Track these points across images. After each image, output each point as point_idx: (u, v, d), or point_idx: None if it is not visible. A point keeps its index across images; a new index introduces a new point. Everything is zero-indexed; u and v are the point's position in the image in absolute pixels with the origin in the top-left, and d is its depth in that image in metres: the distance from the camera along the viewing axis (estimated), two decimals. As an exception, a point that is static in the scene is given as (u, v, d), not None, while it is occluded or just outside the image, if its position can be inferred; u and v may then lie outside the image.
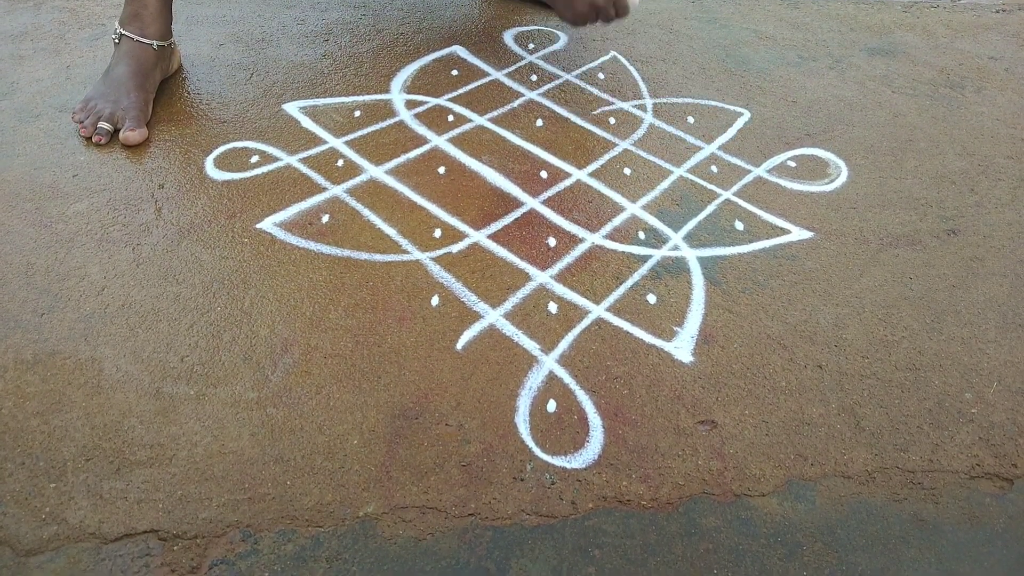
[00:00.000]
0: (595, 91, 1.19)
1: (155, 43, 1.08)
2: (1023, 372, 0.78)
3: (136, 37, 1.07)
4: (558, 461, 0.69)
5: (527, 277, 0.86)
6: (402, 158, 1.03)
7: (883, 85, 1.23)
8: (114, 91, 1.06)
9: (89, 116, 1.04)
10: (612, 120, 1.13)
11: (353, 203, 0.95)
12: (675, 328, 0.81)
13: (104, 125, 1.03)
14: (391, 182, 0.99)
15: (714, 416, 0.73)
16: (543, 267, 0.88)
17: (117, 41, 1.09)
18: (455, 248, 0.90)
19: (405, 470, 0.68)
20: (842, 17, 1.44)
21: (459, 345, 0.78)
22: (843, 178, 1.03)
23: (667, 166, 1.04)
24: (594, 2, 1.06)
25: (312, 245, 0.89)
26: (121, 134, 1.02)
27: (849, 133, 1.11)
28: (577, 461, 0.69)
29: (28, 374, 0.75)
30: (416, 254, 0.89)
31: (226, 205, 0.95)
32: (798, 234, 0.93)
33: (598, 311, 0.83)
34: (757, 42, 1.34)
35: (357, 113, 1.11)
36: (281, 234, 0.91)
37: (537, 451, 0.69)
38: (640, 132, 1.10)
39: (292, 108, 1.12)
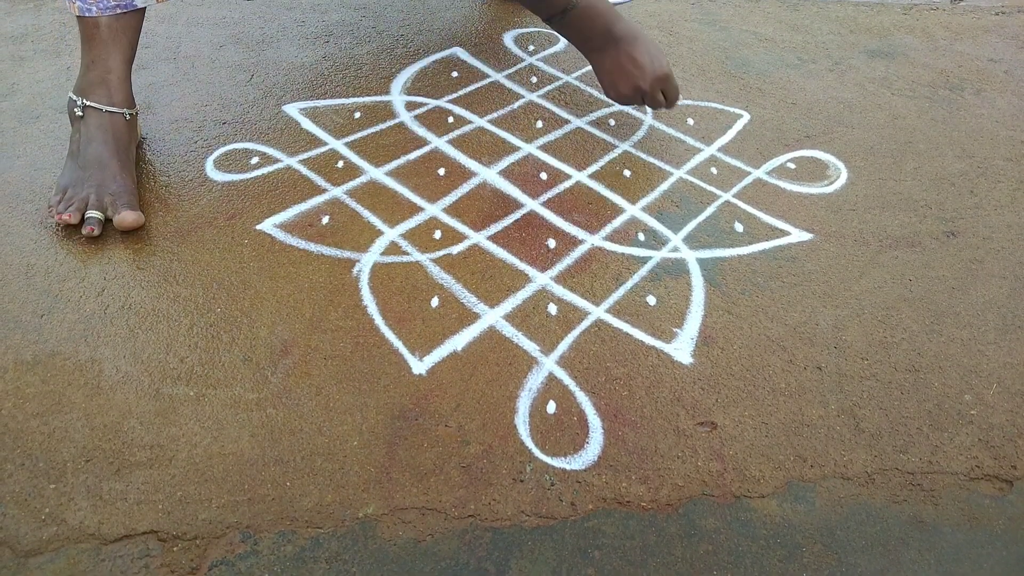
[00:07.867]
0: (595, 93, 1.19)
1: (127, 112, 0.95)
2: (1022, 374, 0.78)
3: (106, 107, 0.93)
4: (558, 462, 0.69)
5: (527, 278, 0.86)
6: (402, 159, 1.03)
7: (882, 87, 1.23)
8: (96, 174, 0.90)
9: (72, 204, 0.89)
10: (612, 122, 1.13)
11: (353, 204, 0.96)
12: (675, 329, 0.81)
13: (94, 213, 0.88)
14: (391, 183, 0.99)
15: (714, 417, 0.73)
16: (543, 268, 0.88)
17: (81, 115, 0.93)
18: (455, 249, 0.90)
19: (405, 471, 0.68)
20: (841, 19, 1.44)
21: (459, 346, 0.78)
22: (842, 180, 1.03)
23: (667, 168, 1.04)
24: (639, 86, 1.01)
25: (312, 246, 0.89)
26: (116, 217, 0.88)
27: (848, 135, 1.11)
28: (577, 462, 0.69)
29: (28, 375, 0.75)
30: (416, 255, 0.89)
31: (226, 206, 0.95)
32: (798, 236, 0.93)
33: (598, 312, 0.83)
34: (757, 44, 1.34)
35: (357, 115, 1.12)
36: (281, 235, 0.91)
37: (537, 452, 0.69)
38: (640, 134, 1.11)
39: (292, 109, 1.12)
